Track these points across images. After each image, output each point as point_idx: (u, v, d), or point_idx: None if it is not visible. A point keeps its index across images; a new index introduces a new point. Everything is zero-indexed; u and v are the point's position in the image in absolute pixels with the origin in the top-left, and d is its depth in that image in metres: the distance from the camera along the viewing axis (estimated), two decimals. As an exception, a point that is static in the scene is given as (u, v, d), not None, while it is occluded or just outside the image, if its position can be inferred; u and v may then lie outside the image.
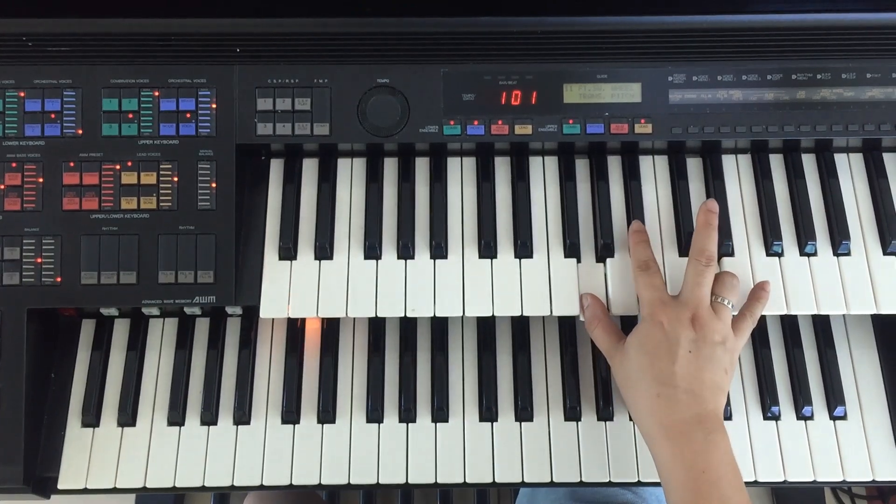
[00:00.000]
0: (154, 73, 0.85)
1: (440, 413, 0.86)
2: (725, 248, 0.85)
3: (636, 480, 0.84)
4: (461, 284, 0.84)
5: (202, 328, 0.90)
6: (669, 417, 0.74)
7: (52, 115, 0.84)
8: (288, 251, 0.85)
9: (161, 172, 0.84)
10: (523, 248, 0.85)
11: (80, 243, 0.83)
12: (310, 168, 0.89)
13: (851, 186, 0.89)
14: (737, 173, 0.89)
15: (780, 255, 0.85)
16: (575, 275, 0.85)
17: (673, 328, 0.77)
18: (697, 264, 0.80)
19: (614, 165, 0.90)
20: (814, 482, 0.84)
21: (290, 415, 0.86)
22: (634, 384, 0.78)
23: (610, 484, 0.84)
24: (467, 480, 0.84)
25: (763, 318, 0.88)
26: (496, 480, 0.84)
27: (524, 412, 0.86)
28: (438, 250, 0.85)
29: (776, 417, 0.86)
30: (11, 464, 0.81)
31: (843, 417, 0.87)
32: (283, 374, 0.88)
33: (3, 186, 0.84)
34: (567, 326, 0.90)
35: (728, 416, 0.86)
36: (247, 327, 0.90)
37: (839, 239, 0.85)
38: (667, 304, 0.78)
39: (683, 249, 0.86)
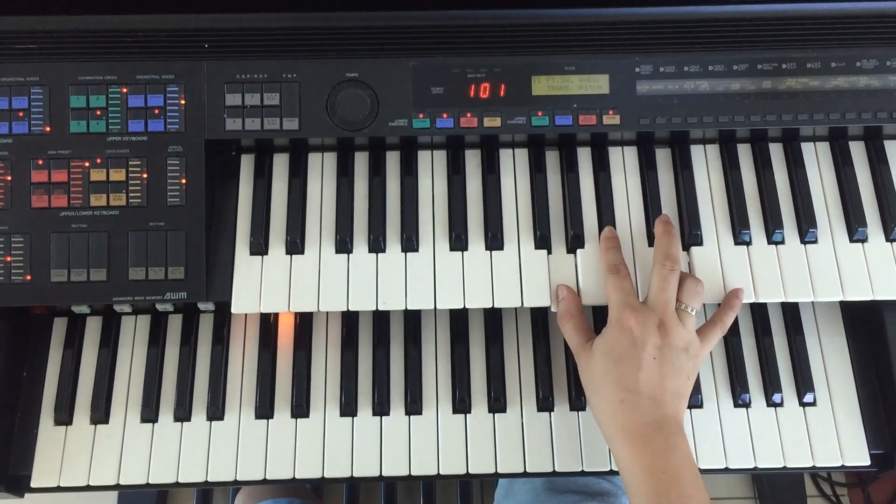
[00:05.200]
0: (122, 70, 0.85)
1: (414, 406, 0.86)
2: (694, 238, 0.86)
3: (608, 469, 0.84)
4: (432, 277, 0.85)
5: (175, 325, 0.90)
6: (631, 422, 0.76)
7: (20, 113, 0.84)
8: (259, 246, 0.85)
9: (130, 169, 0.84)
10: (494, 241, 0.86)
11: (49, 241, 0.83)
12: (280, 163, 0.89)
13: (818, 175, 0.89)
14: (705, 163, 0.90)
15: (748, 243, 0.86)
16: (546, 266, 0.86)
17: (641, 333, 0.77)
18: (662, 269, 0.81)
19: (584, 157, 0.90)
20: (784, 468, 0.85)
21: (264, 410, 0.86)
22: (599, 387, 0.79)
23: (583, 473, 0.85)
24: (441, 472, 0.85)
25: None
26: (470, 472, 0.85)
27: (497, 403, 0.86)
28: (409, 243, 0.86)
29: (746, 405, 0.87)
30: (-17, 462, 0.81)
31: (813, 404, 0.88)
32: (257, 369, 0.88)
33: (-30, 185, 0.83)
34: (539, 318, 0.90)
35: (699, 404, 0.87)
36: (219, 323, 0.90)
37: (806, 227, 0.86)
38: (635, 308, 0.79)
39: (653, 239, 0.86)
